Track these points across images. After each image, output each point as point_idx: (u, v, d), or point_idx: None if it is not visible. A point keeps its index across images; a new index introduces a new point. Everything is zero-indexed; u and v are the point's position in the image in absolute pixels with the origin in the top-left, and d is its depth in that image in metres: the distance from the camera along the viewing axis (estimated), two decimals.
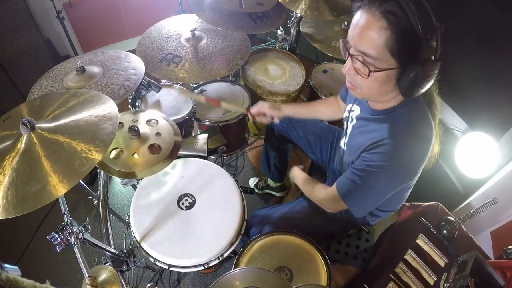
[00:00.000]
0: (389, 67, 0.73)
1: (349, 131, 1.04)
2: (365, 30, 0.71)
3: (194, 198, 1.14)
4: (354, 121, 1.01)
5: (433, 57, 0.72)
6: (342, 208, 1.00)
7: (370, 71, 0.74)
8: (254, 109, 1.31)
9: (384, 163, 0.83)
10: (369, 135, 0.89)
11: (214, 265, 1.08)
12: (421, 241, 1.14)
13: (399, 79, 0.74)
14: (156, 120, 1.20)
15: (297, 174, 1.23)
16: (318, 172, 1.60)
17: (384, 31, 0.69)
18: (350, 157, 1.02)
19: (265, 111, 1.30)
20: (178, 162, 1.24)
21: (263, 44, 2.27)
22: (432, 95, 0.87)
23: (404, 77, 0.72)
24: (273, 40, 2.28)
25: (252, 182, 1.99)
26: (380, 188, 0.90)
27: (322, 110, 1.34)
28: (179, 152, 1.14)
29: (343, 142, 1.11)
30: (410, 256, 1.10)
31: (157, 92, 1.42)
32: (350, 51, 0.77)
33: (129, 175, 1.04)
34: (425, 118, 0.85)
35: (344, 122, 1.10)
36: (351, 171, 0.93)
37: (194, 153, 1.30)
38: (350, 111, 1.03)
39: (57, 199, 0.78)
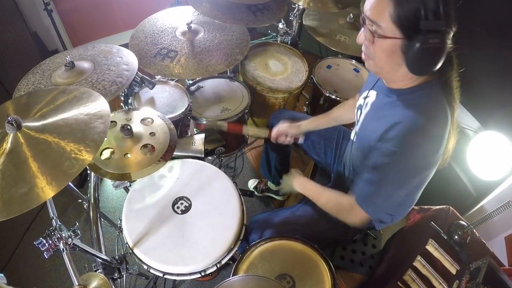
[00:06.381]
0: (392, 36, 0.79)
1: (361, 118, 1.06)
2: (375, 1, 0.80)
3: (190, 201, 1.14)
4: (368, 107, 1.03)
5: (438, 30, 0.75)
6: (364, 218, 0.98)
7: (374, 36, 0.82)
8: (274, 131, 1.41)
9: (397, 148, 0.85)
10: (383, 120, 0.90)
11: (211, 273, 1.07)
12: (431, 247, 1.14)
13: (405, 52, 0.80)
14: (151, 119, 1.20)
15: (305, 184, 1.20)
16: (321, 175, 1.60)
17: (389, 1, 0.77)
18: (359, 148, 1.02)
19: (285, 132, 1.38)
20: (173, 163, 1.24)
21: (263, 38, 2.28)
22: (450, 83, 0.88)
23: (409, 50, 0.78)
24: (274, 34, 2.28)
25: (252, 184, 1.99)
26: (398, 178, 0.90)
27: (342, 114, 1.35)
28: (175, 153, 1.14)
29: (353, 134, 1.12)
30: (419, 262, 1.10)
31: (151, 88, 1.42)
32: (363, 21, 0.85)
33: (121, 177, 1.04)
34: (440, 105, 0.87)
35: (357, 112, 1.11)
36: (365, 170, 0.94)
37: (190, 154, 1.30)
38: (366, 97, 1.06)
39: (45, 202, 0.78)
